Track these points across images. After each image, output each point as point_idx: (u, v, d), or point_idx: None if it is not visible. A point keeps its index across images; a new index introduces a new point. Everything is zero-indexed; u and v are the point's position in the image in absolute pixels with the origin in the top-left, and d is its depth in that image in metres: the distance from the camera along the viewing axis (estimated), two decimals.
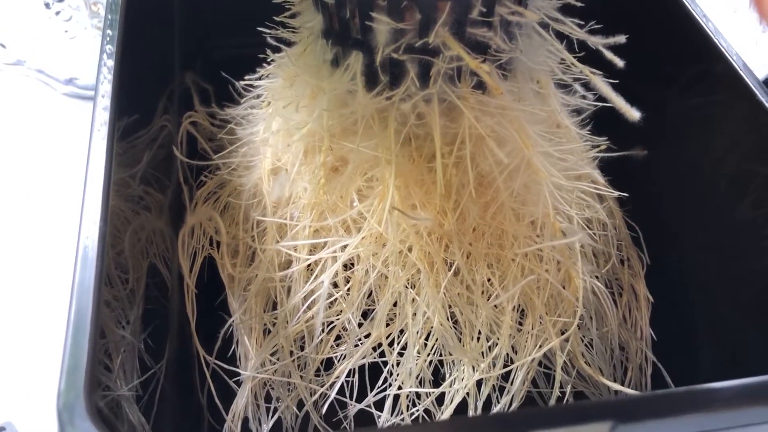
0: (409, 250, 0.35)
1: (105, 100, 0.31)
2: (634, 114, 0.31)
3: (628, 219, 0.41)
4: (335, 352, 0.37)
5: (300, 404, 0.37)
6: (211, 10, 0.51)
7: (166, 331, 0.36)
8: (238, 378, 0.37)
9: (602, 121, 0.38)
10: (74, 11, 0.57)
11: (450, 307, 0.35)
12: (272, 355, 0.37)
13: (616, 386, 0.35)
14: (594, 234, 0.38)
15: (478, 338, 0.35)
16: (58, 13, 0.57)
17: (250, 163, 0.40)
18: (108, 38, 0.33)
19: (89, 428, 0.22)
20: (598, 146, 0.39)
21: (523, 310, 0.35)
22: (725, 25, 0.37)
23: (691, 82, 0.38)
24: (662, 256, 0.40)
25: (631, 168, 0.40)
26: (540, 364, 0.36)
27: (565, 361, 0.35)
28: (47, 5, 0.57)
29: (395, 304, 0.36)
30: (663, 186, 0.41)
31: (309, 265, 0.37)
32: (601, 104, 0.34)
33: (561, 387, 0.36)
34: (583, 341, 0.37)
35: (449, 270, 0.34)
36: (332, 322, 0.36)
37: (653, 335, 0.39)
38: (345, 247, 0.35)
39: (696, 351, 0.38)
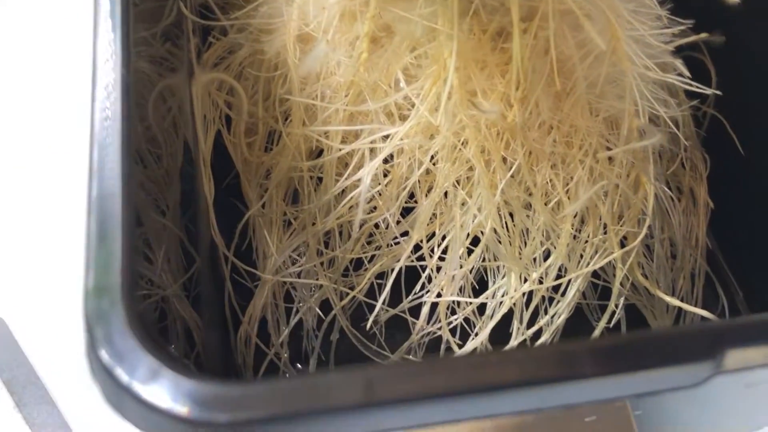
0: (464, 145, 0.30)
1: None
2: None
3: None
4: (366, 252, 0.33)
5: (323, 307, 0.33)
6: None
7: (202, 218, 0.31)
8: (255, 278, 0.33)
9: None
10: None
11: (499, 210, 0.31)
12: (294, 252, 0.33)
13: (676, 302, 0.32)
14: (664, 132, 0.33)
15: (527, 245, 0.31)
16: None
17: (269, 25, 0.33)
18: None
19: (134, 348, 0.17)
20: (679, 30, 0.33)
21: (582, 217, 0.32)
22: None
23: None
24: (727, 158, 0.36)
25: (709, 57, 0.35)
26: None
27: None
28: None
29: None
30: (742, 75, 0.36)
31: (339, 156, 0.32)
32: None
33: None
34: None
35: (508, 170, 0.30)
36: (365, 221, 0.32)
37: (709, 244, 0.36)
38: (387, 137, 0.30)
39: (753, 267, 0.35)
